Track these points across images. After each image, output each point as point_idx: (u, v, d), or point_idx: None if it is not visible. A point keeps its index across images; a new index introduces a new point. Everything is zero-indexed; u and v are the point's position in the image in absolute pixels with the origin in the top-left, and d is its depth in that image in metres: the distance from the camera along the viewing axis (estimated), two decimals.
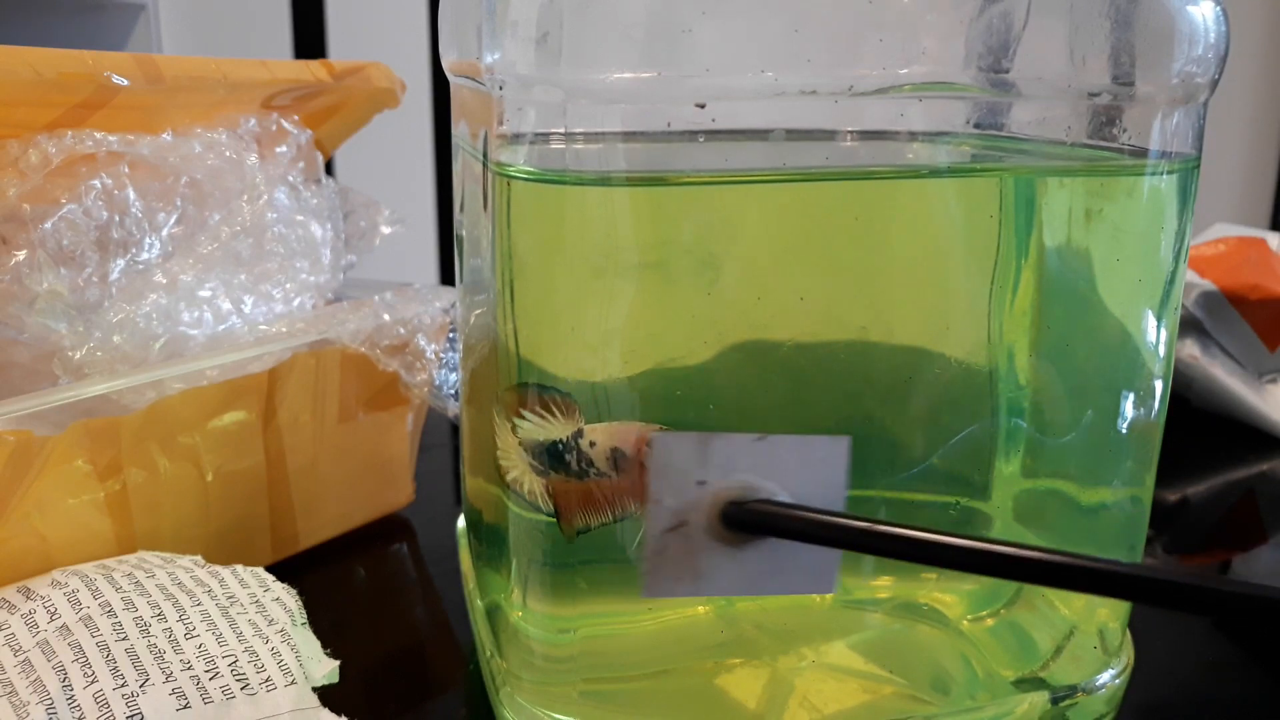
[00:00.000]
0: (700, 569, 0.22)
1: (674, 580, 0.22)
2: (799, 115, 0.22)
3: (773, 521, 0.21)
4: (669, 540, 0.22)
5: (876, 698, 0.26)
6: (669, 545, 0.22)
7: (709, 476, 0.21)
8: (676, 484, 0.21)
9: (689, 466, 0.21)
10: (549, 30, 0.20)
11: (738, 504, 0.21)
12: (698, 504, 0.21)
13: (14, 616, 0.25)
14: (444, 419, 0.50)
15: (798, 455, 0.22)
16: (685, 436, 0.21)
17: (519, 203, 0.22)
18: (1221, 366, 0.53)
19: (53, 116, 0.32)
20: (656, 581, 0.22)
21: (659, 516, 0.21)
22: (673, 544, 0.22)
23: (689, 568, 0.22)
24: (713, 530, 0.22)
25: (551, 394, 0.23)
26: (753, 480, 0.22)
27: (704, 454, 0.21)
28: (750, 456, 0.22)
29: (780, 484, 0.22)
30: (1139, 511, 0.27)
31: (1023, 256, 0.24)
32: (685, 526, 0.22)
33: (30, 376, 0.31)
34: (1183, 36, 0.23)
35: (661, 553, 0.22)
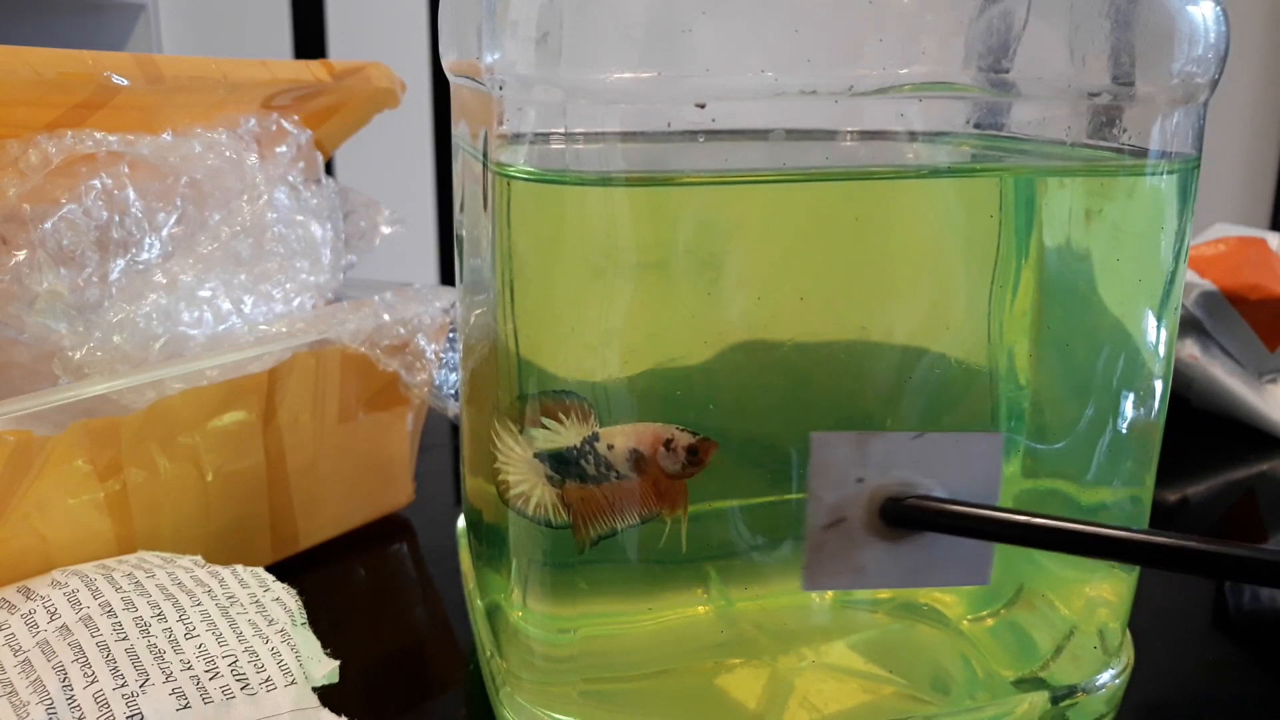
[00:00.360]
0: (859, 563, 0.22)
1: (834, 574, 0.22)
2: (799, 115, 0.22)
3: (931, 517, 0.22)
4: (828, 536, 0.22)
5: (876, 698, 0.26)
6: (828, 541, 0.22)
7: (867, 474, 0.22)
8: (836, 481, 0.22)
9: (848, 464, 0.22)
10: (549, 30, 0.20)
11: (896, 500, 0.22)
12: (856, 500, 0.22)
13: (14, 616, 0.25)
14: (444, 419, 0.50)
15: (953, 452, 0.22)
16: (844, 436, 0.22)
17: (519, 203, 0.22)
18: (1221, 366, 0.53)
19: (53, 116, 0.32)
20: (817, 575, 0.22)
21: (819, 513, 0.22)
22: (832, 539, 0.22)
23: (848, 562, 0.22)
24: (871, 525, 0.22)
25: (562, 399, 0.23)
26: (909, 476, 0.22)
27: (863, 452, 0.22)
28: (907, 453, 0.22)
29: (936, 480, 0.22)
30: (1139, 511, 0.27)
31: (1023, 256, 0.24)
32: (844, 522, 0.22)
33: (30, 376, 0.31)
34: (1183, 36, 0.23)
35: (821, 548, 0.22)
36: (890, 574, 0.23)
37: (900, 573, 0.23)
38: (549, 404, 0.23)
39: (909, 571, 0.23)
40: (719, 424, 0.24)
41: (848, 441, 0.22)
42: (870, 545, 0.22)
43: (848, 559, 0.22)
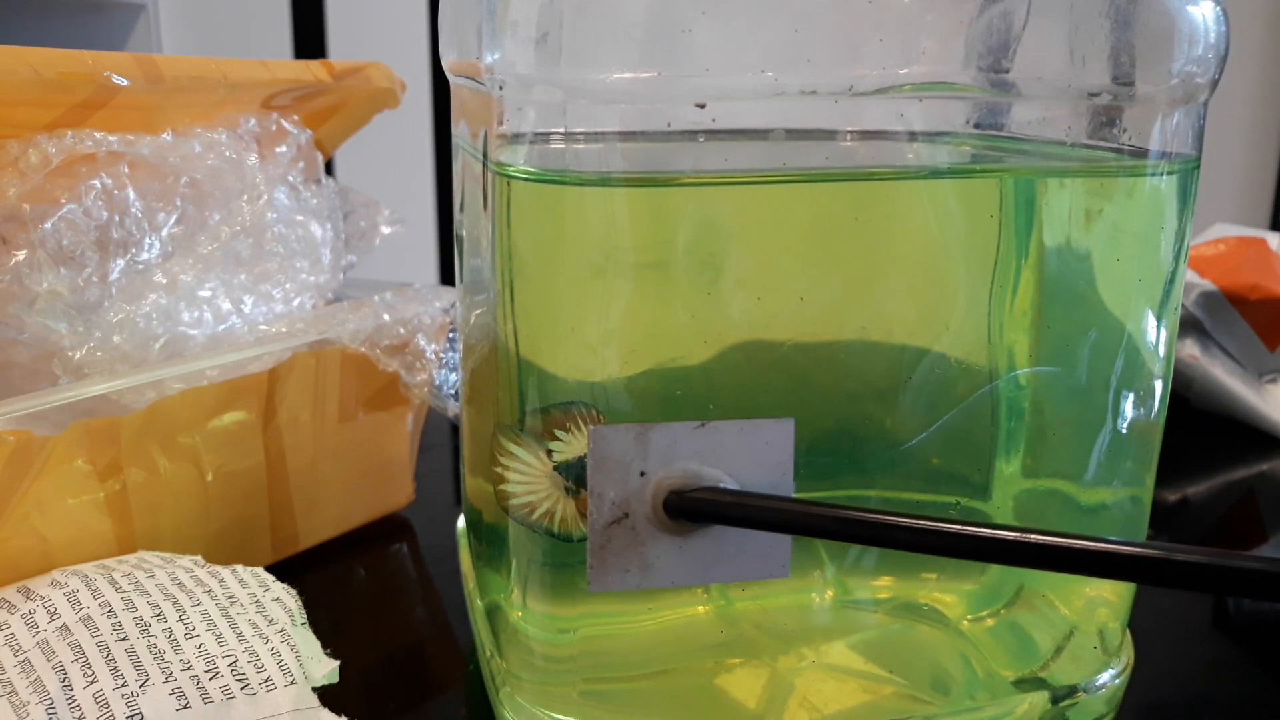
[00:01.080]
0: (647, 560, 0.22)
1: (621, 573, 0.22)
2: (799, 115, 0.22)
3: (714, 509, 0.21)
4: (612, 533, 0.21)
5: (876, 698, 0.26)
6: (613, 538, 0.22)
7: (649, 467, 0.21)
8: (617, 476, 0.21)
9: (628, 458, 0.21)
10: (549, 30, 0.20)
11: (679, 493, 0.21)
12: (639, 495, 0.21)
13: (14, 616, 0.25)
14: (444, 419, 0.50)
15: (741, 440, 0.22)
16: (623, 428, 0.21)
17: (519, 203, 0.22)
18: (1221, 366, 0.53)
19: (53, 116, 0.32)
20: (602, 575, 0.22)
21: (601, 510, 0.21)
22: (616, 536, 0.22)
23: (636, 559, 0.22)
24: (657, 520, 0.22)
25: (571, 410, 0.22)
26: (695, 468, 0.21)
27: (643, 444, 0.21)
28: (691, 443, 0.21)
29: (725, 470, 0.22)
30: (1139, 511, 0.27)
31: (1023, 257, 0.24)
32: (628, 519, 0.21)
33: (30, 376, 0.31)
34: (1183, 36, 0.23)
35: (605, 546, 0.22)
36: (680, 570, 0.22)
37: (691, 568, 0.22)
38: (559, 416, 0.22)
39: (701, 566, 0.22)
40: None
41: (627, 434, 0.21)
42: (657, 541, 0.22)
43: (635, 556, 0.22)
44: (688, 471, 0.21)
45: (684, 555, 0.22)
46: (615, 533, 0.22)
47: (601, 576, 0.22)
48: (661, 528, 0.22)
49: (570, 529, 0.23)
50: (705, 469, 0.22)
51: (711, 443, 0.22)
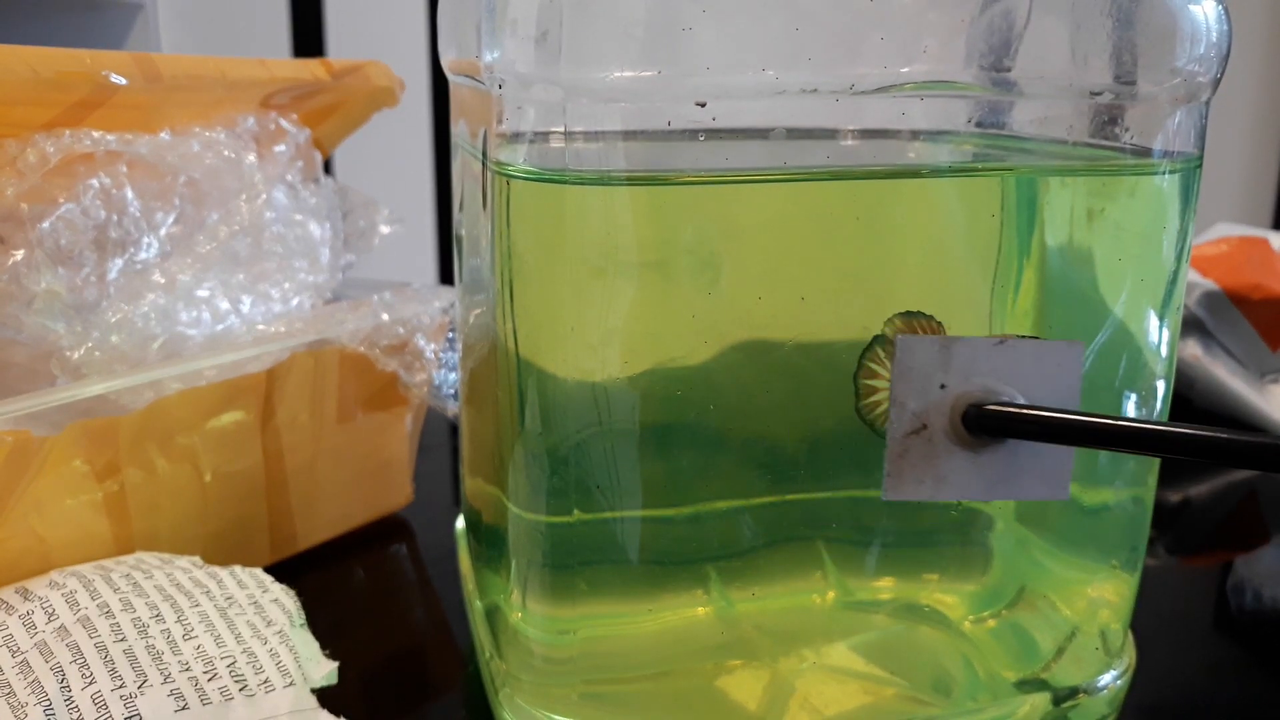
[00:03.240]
0: (940, 472, 0.22)
1: (915, 483, 0.22)
2: (800, 114, 0.22)
3: (1015, 423, 0.22)
4: (911, 443, 0.22)
5: (878, 699, 0.26)
6: (911, 448, 0.22)
7: (950, 380, 0.22)
8: (919, 387, 0.22)
9: (931, 369, 0.22)
10: (548, 28, 0.20)
11: (978, 406, 0.22)
12: (939, 407, 0.22)
13: (12, 618, 0.25)
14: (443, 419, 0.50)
15: (1034, 360, 0.22)
16: (928, 339, 0.22)
17: (518, 202, 0.22)
18: (1224, 366, 0.53)
19: (51, 115, 0.32)
20: (898, 484, 0.22)
21: (901, 419, 0.22)
22: (914, 446, 0.22)
23: (930, 470, 0.22)
24: (953, 433, 0.22)
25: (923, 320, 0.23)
26: (992, 384, 0.22)
27: (946, 357, 0.22)
28: (990, 360, 0.22)
29: (1018, 388, 0.22)
30: (1141, 512, 0.27)
31: (1024, 256, 0.24)
32: (926, 430, 0.22)
33: (28, 376, 0.31)
34: (1185, 35, 0.23)
35: (904, 455, 0.22)
36: (971, 484, 0.22)
37: (982, 483, 0.23)
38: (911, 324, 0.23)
39: (990, 482, 0.23)
40: (719, 424, 0.24)
41: (931, 346, 0.22)
42: (952, 454, 0.22)
43: (930, 467, 0.22)
44: (985, 387, 0.22)
45: (975, 469, 0.22)
46: (913, 443, 0.22)
47: (897, 485, 0.22)
48: (957, 441, 0.22)
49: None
50: (1001, 385, 0.22)
51: (1008, 360, 0.22)
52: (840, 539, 0.25)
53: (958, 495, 0.23)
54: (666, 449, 0.23)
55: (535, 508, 0.23)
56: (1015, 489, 0.23)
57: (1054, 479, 0.23)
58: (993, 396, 0.22)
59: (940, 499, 0.23)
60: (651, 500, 0.23)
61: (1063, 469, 0.23)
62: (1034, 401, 0.22)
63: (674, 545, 0.24)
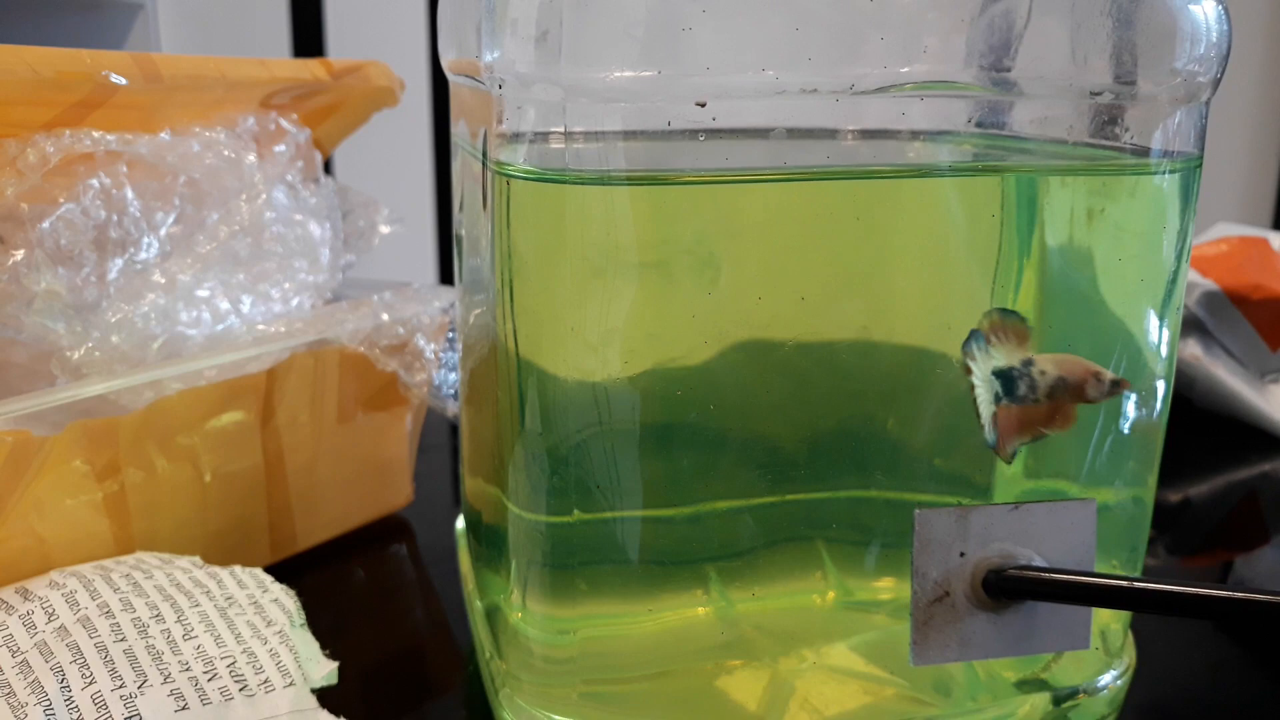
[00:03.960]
0: (964, 635, 0.23)
1: (941, 648, 0.23)
2: (800, 114, 0.22)
3: (1034, 586, 0.23)
4: (934, 610, 0.23)
5: (878, 699, 0.26)
6: (935, 615, 0.23)
7: (969, 548, 0.23)
8: (940, 557, 0.23)
9: (950, 538, 0.23)
10: (549, 28, 0.20)
11: (998, 572, 0.23)
12: (959, 574, 0.23)
13: (12, 618, 0.25)
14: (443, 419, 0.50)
15: (1050, 520, 0.23)
16: (945, 511, 0.23)
17: (518, 202, 0.22)
18: (1224, 366, 0.53)
19: (51, 115, 0.32)
20: (924, 650, 0.23)
21: (924, 588, 0.23)
22: (938, 614, 0.23)
23: (954, 635, 0.23)
24: (975, 598, 0.23)
25: (1012, 320, 0.23)
26: (1009, 548, 0.23)
27: (964, 525, 0.23)
28: (1006, 524, 0.23)
29: (1034, 549, 0.23)
30: (1141, 512, 0.27)
31: (1024, 256, 0.24)
32: (949, 597, 0.23)
33: (28, 376, 0.31)
34: (1184, 35, 0.23)
35: (928, 622, 0.23)
36: (994, 644, 0.23)
37: (1004, 642, 0.23)
38: (1000, 322, 0.23)
39: (1012, 640, 0.23)
40: (720, 424, 0.24)
41: (949, 516, 0.23)
42: (974, 616, 0.23)
43: (954, 631, 0.23)
44: (1003, 551, 0.23)
45: (997, 630, 0.23)
46: (937, 610, 0.23)
47: (923, 651, 0.23)
48: (979, 605, 0.23)
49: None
50: (1018, 548, 0.23)
51: (1024, 524, 0.23)
52: (840, 539, 0.25)
53: (982, 656, 0.23)
54: (667, 449, 0.23)
55: (535, 508, 0.23)
56: (1037, 644, 0.24)
57: (1075, 631, 0.24)
58: (1010, 560, 0.23)
59: (965, 660, 0.24)
60: (651, 500, 0.23)
61: (1083, 621, 0.24)
62: (1050, 560, 0.23)
63: (674, 545, 0.24)
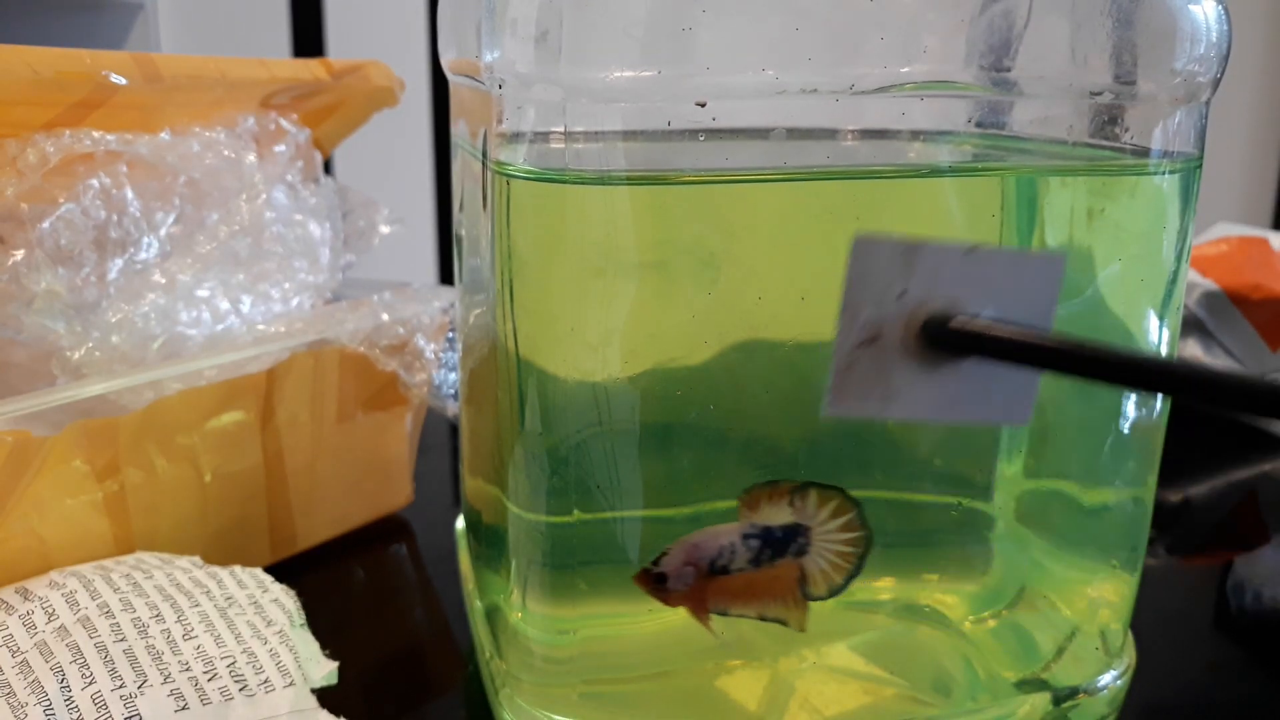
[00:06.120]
0: (891, 387, 0.20)
1: (861, 399, 0.20)
2: (800, 114, 0.22)
3: (979, 341, 0.20)
4: (860, 354, 0.20)
5: (878, 699, 0.26)
6: (859, 359, 0.20)
7: (911, 288, 0.20)
8: (876, 293, 0.20)
9: (891, 274, 0.20)
10: (548, 28, 0.20)
11: (939, 319, 0.20)
12: (896, 316, 0.20)
13: (12, 618, 0.25)
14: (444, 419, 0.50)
15: (1008, 271, 0.20)
16: (890, 243, 0.20)
17: (518, 202, 0.22)
18: (1224, 366, 0.53)
19: (50, 115, 0.32)
20: (842, 398, 0.20)
21: (851, 327, 0.20)
22: (864, 358, 0.20)
23: (879, 385, 0.20)
24: (908, 347, 0.20)
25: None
26: (957, 296, 0.20)
27: (909, 262, 0.20)
28: (957, 269, 0.20)
29: (986, 302, 0.20)
30: (1141, 512, 0.27)
31: None
32: (879, 340, 0.20)
33: (28, 376, 0.31)
34: (1184, 35, 0.23)
35: (851, 367, 0.20)
36: (922, 402, 0.21)
37: (934, 402, 0.21)
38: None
39: (944, 402, 0.21)
40: (720, 424, 0.24)
41: (893, 250, 0.20)
42: (905, 368, 0.20)
43: (879, 382, 0.20)
44: (950, 298, 0.20)
45: (929, 387, 0.20)
46: (862, 354, 0.20)
47: (841, 399, 0.20)
48: (911, 355, 0.20)
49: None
50: (967, 298, 0.20)
51: (978, 271, 0.20)
52: None
53: (906, 414, 0.21)
54: (667, 449, 0.23)
55: (535, 508, 0.23)
56: (971, 410, 0.21)
57: (1015, 402, 0.21)
58: (956, 310, 0.20)
59: (886, 417, 0.21)
60: (651, 500, 0.23)
61: (1026, 392, 0.21)
62: (1004, 314, 0.20)
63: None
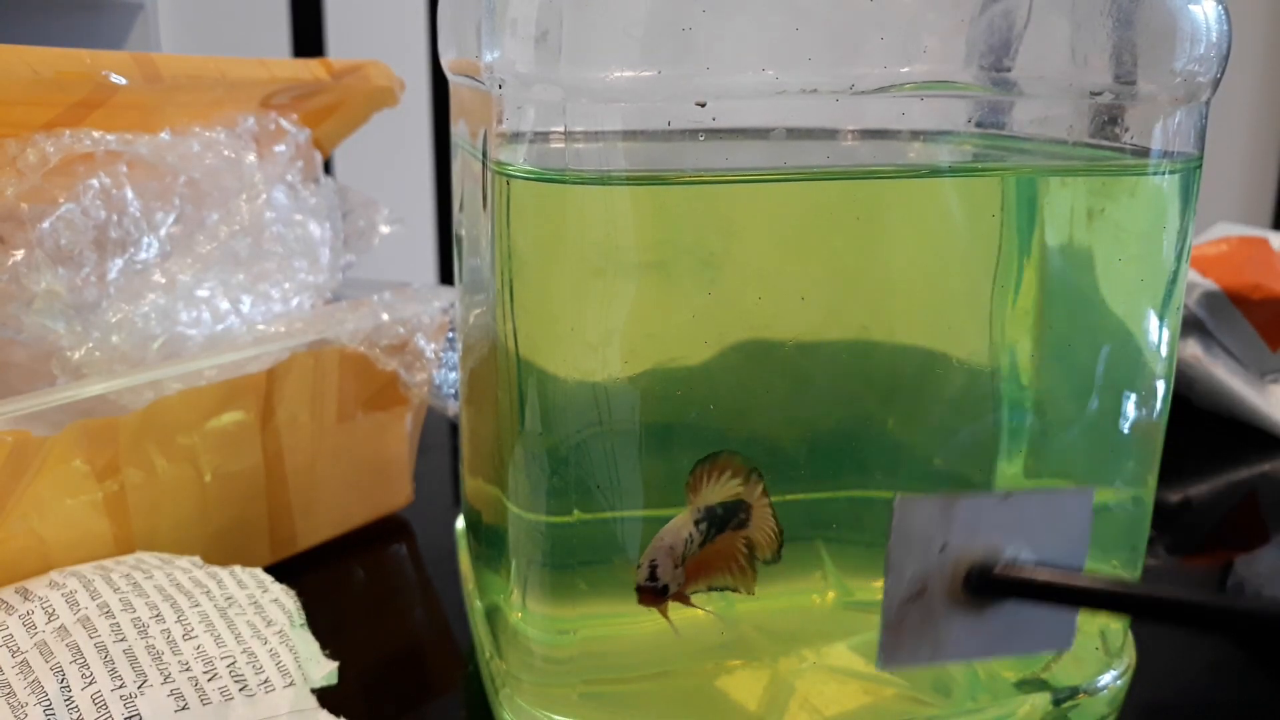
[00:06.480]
0: (940, 636, 0.21)
1: (913, 651, 0.21)
2: (800, 114, 0.22)
3: (1021, 586, 0.20)
4: (908, 610, 0.21)
5: (878, 699, 0.26)
6: (909, 614, 0.21)
7: (951, 540, 0.21)
8: (919, 550, 0.20)
9: (932, 530, 0.20)
10: (548, 28, 0.20)
11: (982, 569, 0.21)
12: (939, 569, 0.21)
13: (12, 618, 0.25)
14: (444, 419, 0.50)
15: (1042, 511, 0.21)
16: (928, 500, 0.20)
17: (518, 202, 0.22)
18: (1224, 366, 0.53)
19: (51, 115, 0.32)
20: (894, 652, 0.21)
21: (899, 585, 0.20)
22: (913, 613, 0.21)
23: (928, 636, 0.21)
24: (954, 596, 0.21)
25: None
26: (995, 541, 0.21)
27: (948, 516, 0.20)
28: (995, 516, 0.21)
29: (1023, 541, 0.21)
30: (1141, 512, 0.27)
31: (1025, 256, 0.24)
32: (925, 594, 0.21)
33: (28, 376, 0.31)
34: (1184, 35, 0.23)
35: (901, 623, 0.21)
36: (971, 645, 0.21)
37: (981, 643, 0.21)
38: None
39: (990, 641, 0.21)
40: (720, 424, 0.24)
41: (932, 506, 0.21)
42: (951, 615, 0.21)
43: (928, 633, 0.21)
44: (989, 545, 0.21)
45: (976, 630, 0.21)
46: (911, 609, 0.21)
47: (893, 654, 0.21)
48: (957, 603, 0.21)
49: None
50: (1005, 542, 0.21)
51: (1014, 515, 0.21)
52: (840, 539, 0.25)
53: (957, 658, 0.21)
54: (667, 449, 0.23)
55: (535, 508, 0.23)
56: (1018, 645, 0.22)
57: (1058, 631, 0.22)
58: (995, 555, 0.21)
59: (936, 663, 0.22)
60: (652, 500, 0.23)
61: (1067, 621, 0.22)
62: (1039, 553, 0.21)
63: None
